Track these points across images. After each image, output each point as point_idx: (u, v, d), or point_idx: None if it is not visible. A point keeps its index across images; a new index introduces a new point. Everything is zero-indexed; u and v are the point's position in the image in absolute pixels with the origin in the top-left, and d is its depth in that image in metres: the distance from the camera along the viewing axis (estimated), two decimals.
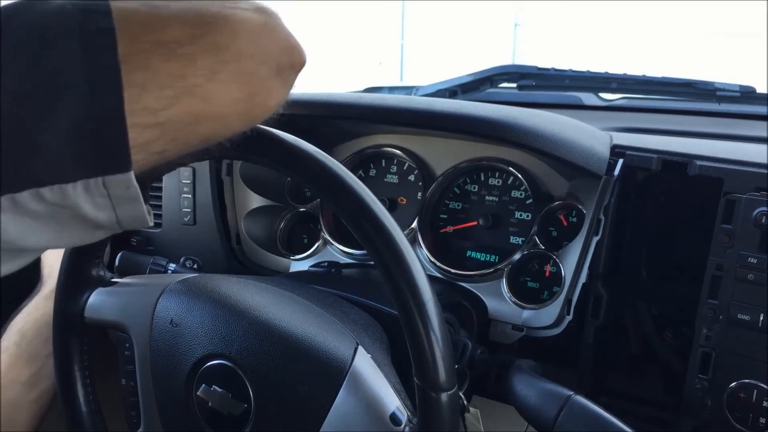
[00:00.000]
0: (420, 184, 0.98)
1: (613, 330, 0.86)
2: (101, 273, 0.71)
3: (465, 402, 0.65)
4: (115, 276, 0.72)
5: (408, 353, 0.52)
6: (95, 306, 0.69)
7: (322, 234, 1.03)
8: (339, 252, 1.01)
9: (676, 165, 0.80)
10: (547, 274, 0.88)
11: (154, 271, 0.89)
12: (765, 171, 0.74)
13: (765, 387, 0.71)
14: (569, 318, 0.82)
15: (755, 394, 0.71)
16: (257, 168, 1.03)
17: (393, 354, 0.68)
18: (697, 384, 0.75)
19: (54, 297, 0.70)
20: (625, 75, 1.21)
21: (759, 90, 1.11)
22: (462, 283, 0.91)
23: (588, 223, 0.82)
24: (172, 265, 0.90)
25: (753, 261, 0.72)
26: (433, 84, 1.35)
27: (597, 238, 0.81)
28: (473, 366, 0.75)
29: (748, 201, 0.73)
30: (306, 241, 1.07)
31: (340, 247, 1.00)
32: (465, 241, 0.96)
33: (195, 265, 0.92)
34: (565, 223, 0.89)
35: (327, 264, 0.94)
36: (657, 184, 0.86)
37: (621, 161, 0.82)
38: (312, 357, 0.60)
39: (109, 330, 0.84)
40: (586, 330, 0.84)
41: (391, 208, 1.00)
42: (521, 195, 0.93)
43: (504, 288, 0.89)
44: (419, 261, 0.52)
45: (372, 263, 0.92)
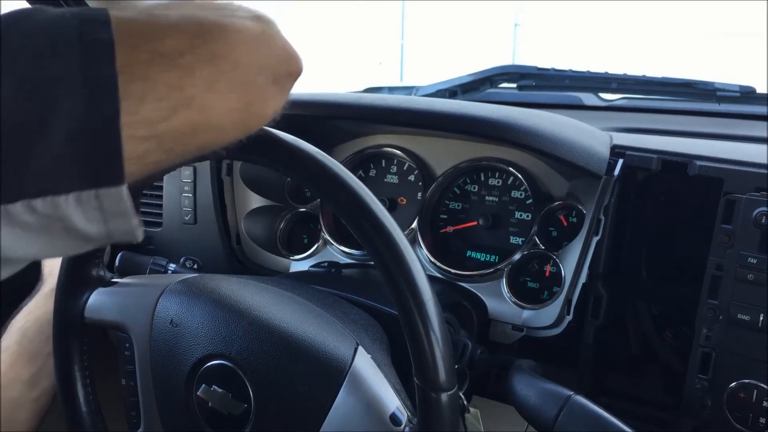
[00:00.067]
0: (420, 184, 0.98)
1: (613, 330, 0.86)
2: (101, 273, 0.71)
3: (465, 402, 0.65)
4: (115, 276, 0.72)
5: (408, 353, 0.52)
6: (95, 306, 0.69)
7: (322, 234, 1.03)
8: (339, 252, 1.01)
9: (676, 165, 0.80)
10: (547, 274, 0.88)
11: (154, 271, 0.89)
12: (765, 171, 0.74)
13: (765, 387, 0.71)
14: (569, 318, 0.82)
15: (755, 394, 0.71)
16: (257, 168, 1.03)
17: (393, 354, 0.68)
18: (697, 384, 0.75)
19: (54, 296, 0.70)
20: (625, 75, 1.21)
21: (759, 90, 1.11)
22: (462, 283, 0.91)
23: (588, 223, 0.82)
24: (172, 265, 0.89)
25: (753, 261, 0.72)
26: (433, 84, 1.35)
27: (597, 238, 0.81)
28: (473, 366, 0.75)
29: (748, 201, 0.73)
30: (306, 241, 1.07)
31: (340, 247, 1.00)
32: (465, 241, 0.96)
33: (195, 265, 0.91)
34: (565, 223, 0.89)
35: (327, 264, 0.94)
36: (657, 184, 0.86)
37: (621, 161, 0.82)
38: (312, 357, 0.60)
39: (109, 330, 0.83)
40: (586, 330, 0.84)
41: (391, 208, 1.00)
42: (521, 195, 0.93)
43: (504, 288, 0.89)
44: (419, 261, 0.52)
45: (372, 263, 0.91)
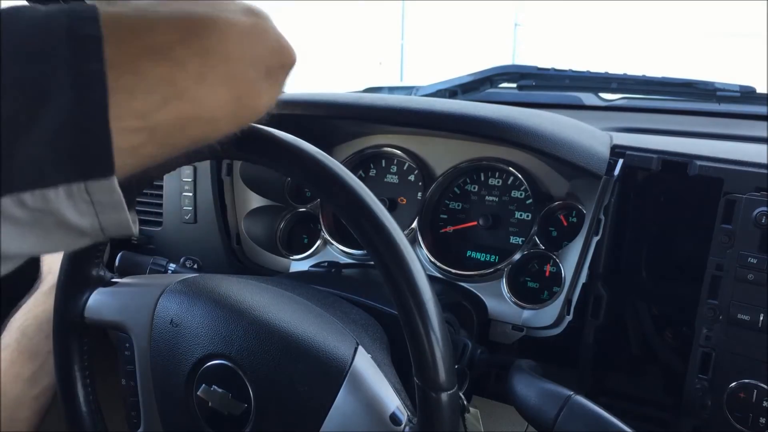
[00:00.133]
0: (420, 184, 0.98)
1: (613, 330, 0.86)
2: (101, 273, 0.71)
3: (465, 402, 0.65)
4: (115, 276, 0.72)
5: (408, 353, 0.52)
6: (95, 306, 0.69)
7: (322, 234, 1.03)
8: (339, 252, 1.01)
9: (676, 165, 0.80)
10: (547, 274, 0.88)
11: (154, 271, 0.89)
12: (765, 171, 0.74)
13: (765, 387, 0.71)
14: (569, 318, 0.82)
15: (755, 394, 0.71)
16: (257, 168, 1.03)
17: (393, 354, 0.68)
18: (697, 384, 0.75)
19: (54, 294, 0.70)
20: (625, 75, 1.21)
21: (759, 90, 1.11)
22: (462, 283, 0.91)
23: (588, 223, 0.82)
24: (172, 265, 0.89)
25: (753, 261, 0.72)
26: (433, 84, 1.35)
27: (597, 238, 0.81)
28: (473, 366, 0.75)
29: (748, 201, 0.73)
30: (306, 241, 1.07)
31: (340, 247, 1.00)
32: (465, 241, 0.96)
33: (195, 265, 0.91)
34: (565, 223, 0.89)
35: (327, 264, 0.94)
36: (657, 184, 0.86)
37: (621, 161, 0.82)
38: (312, 357, 0.60)
39: (109, 330, 0.83)
40: (586, 330, 0.84)
41: (391, 208, 1.00)
42: (521, 195, 0.92)
43: (504, 288, 0.89)
44: (419, 261, 0.52)
45: (372, 263, 0.91)
